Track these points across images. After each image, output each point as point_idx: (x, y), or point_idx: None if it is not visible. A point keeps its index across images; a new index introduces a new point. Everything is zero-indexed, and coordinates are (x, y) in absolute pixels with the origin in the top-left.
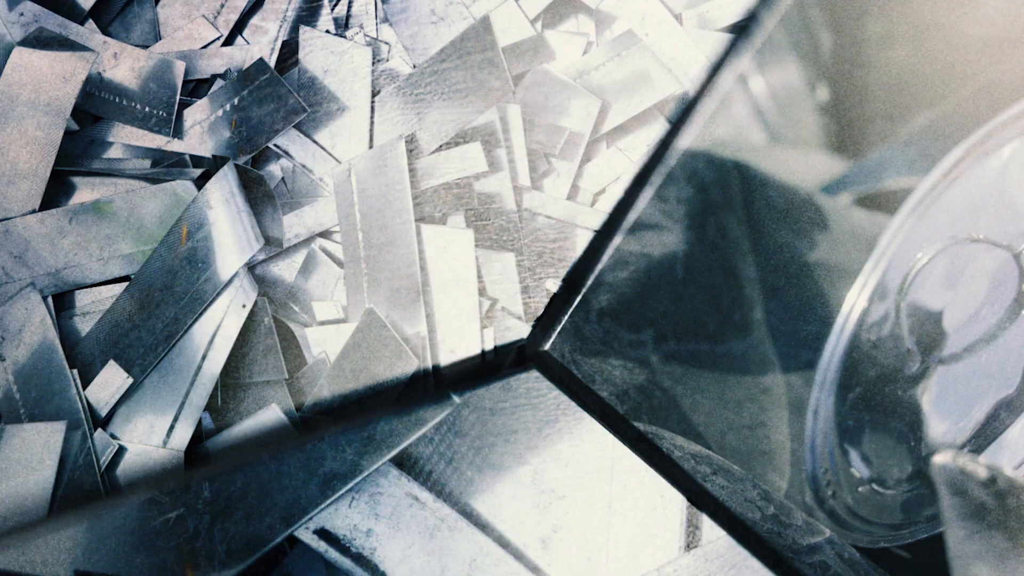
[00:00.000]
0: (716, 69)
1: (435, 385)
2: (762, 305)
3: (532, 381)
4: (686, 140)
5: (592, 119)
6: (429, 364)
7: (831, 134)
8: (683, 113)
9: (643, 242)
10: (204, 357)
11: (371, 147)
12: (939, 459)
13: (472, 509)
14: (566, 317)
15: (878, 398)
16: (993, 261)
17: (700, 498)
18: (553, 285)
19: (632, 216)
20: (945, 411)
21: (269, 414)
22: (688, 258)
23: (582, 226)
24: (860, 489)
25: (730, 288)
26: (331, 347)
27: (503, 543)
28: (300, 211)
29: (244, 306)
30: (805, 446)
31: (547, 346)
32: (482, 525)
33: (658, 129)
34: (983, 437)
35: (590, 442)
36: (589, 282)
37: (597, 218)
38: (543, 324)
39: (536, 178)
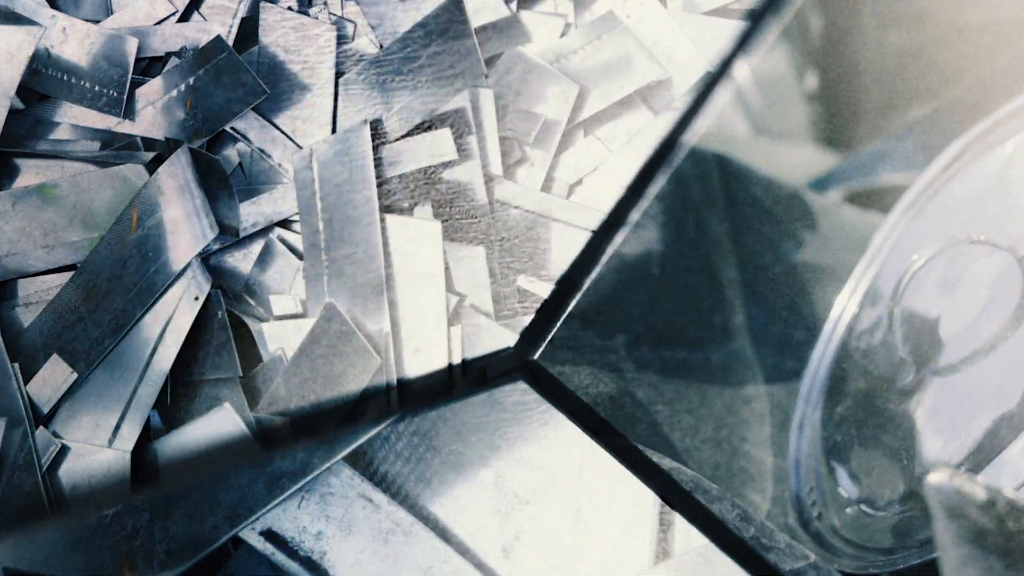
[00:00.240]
0: (727, 62)
1: (405, 401)
2: (744, 310)
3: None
4: (692, 137)
5: (569, 105)
6: (393, 373)
7: (820, 125)
8: (691, 108)
9: (615, 239)
10: (153, 352)
11: (334, 132)
12: (934, 479)
13: (429, 513)
14: (558, 325)
15: (868, 412)
16: (994, 264)
17: (707, 528)
18: (526, 282)
19: (635, 215)
20: (941, 427)
21: (222, 414)
22: (664, 257)
23: (557, 219)
24: (848, 510)
25: (710, 291)
26: (289, 343)
27: (462, 550)
28: (258, 199)
29: (197, 298)
30: (788, 463)
31: (536, 355)
32: (440, 530)
33: (640, 118)
34: (982, 455)
35: (557, 444)
36: (585, 286)
37: (574, 211)
38: (531, 332)
39: (509, 168)
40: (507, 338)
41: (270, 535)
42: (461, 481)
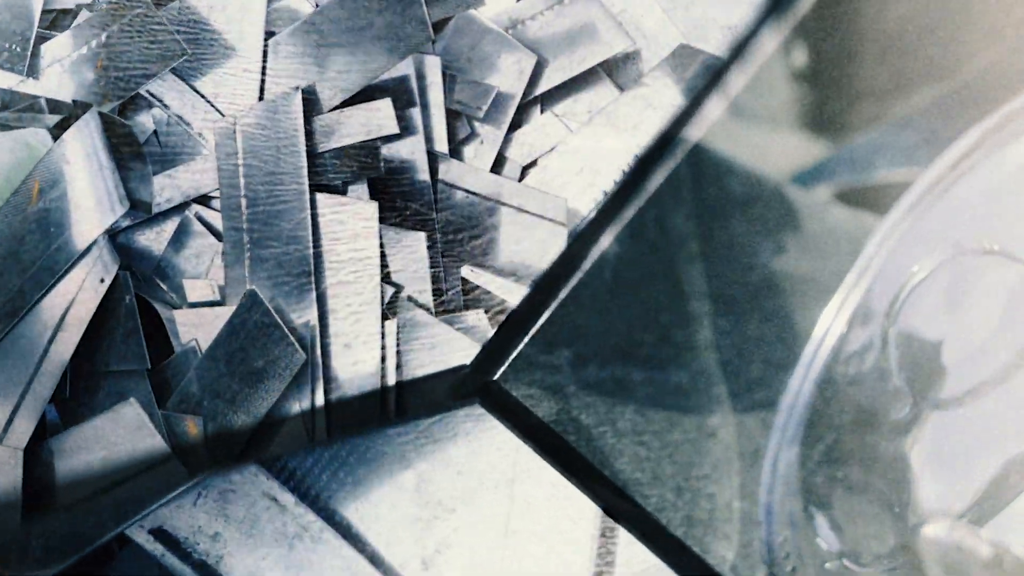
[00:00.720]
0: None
1: (335, 425)
2: (711, 324)
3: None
4: (696, 132)
5: (525, 77)
6: (319, 370)
7: (808, 108)
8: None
9: (601, 242)
10: (52, 339)
11: (261, 99)
12: (930, 531)
13: (342, 518)
14: (526, 340)
15: (855, 449)
16: (1009, 279)
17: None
18: (471, 273)
19: (629, 213)
20: (940, 470)
21: (126, 410)
22: (618, 260)
23: (507, 204)
24: (828, 565)
25: (671, 301)
26: (203, 334)
27: (376, 561)
28: (174, 171)
29: (103, 281)
30: (760, 507)
31: (497, 376)
32: (352, 537)
33: (604, 94)
34: (987, 505)
35: (490, 447)
36: (562, 297)
37: (526, 196)
38: (493, 348)
39: (455, 145)
40: (447, 335)
41: (160, 534)
42: (379, 483)
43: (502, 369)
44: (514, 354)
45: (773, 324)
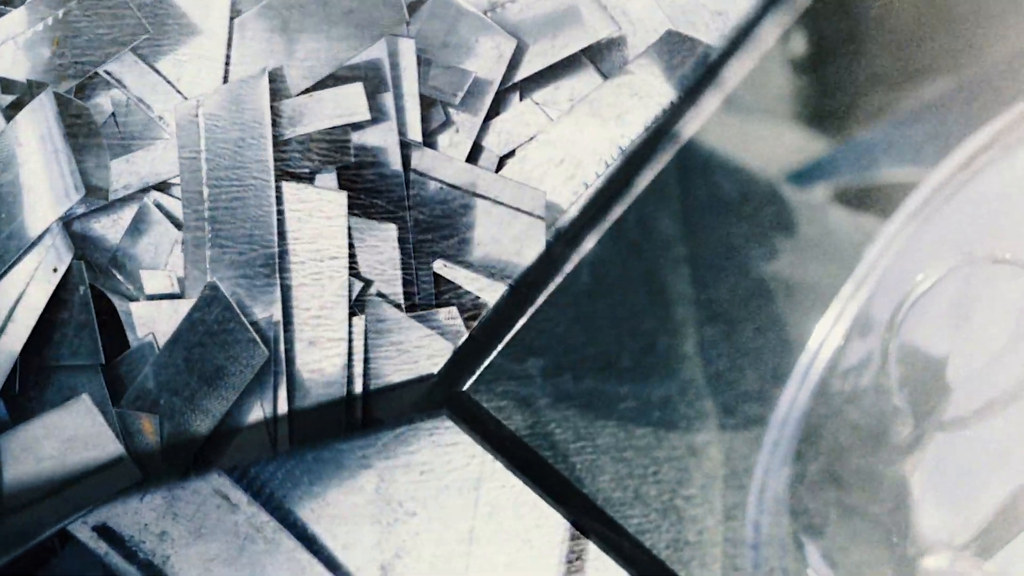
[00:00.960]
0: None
1: (297, 433)
2: (699, 333)
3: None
4: (686, 125)
5: (504, 62)
6: (282, 368)
7: (807, 100)
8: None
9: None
10: (1, 332)
11: (226, 82)
12: (931, 563)
13: (297, 519)
14: (498, 348)
15: (850, 473)
16: (1021, 290)
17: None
18: (444, 268)
19: (612, 212)
20: (943, 496)
21: (78, 407)
22: (601, 263)
23: (483, 195)
24: None
25: (654, 308)
26: (161, 328)
27: (332, 565)
28: (132, 156)
29: (56, 270)
30: (746, 535)
31: (466, 386)
32: (307, 540)
33: (586, 81)
34: (993, 536)
35: (455, 448)
36: (539, 302)
37: (503, 187)
38: (462, 356)
39: (429, 132)
40: (418, 333)
41: (104, 532)
42: (337, 483)
43: (472, 379)
44: (485, 363)
45: (765, 334)
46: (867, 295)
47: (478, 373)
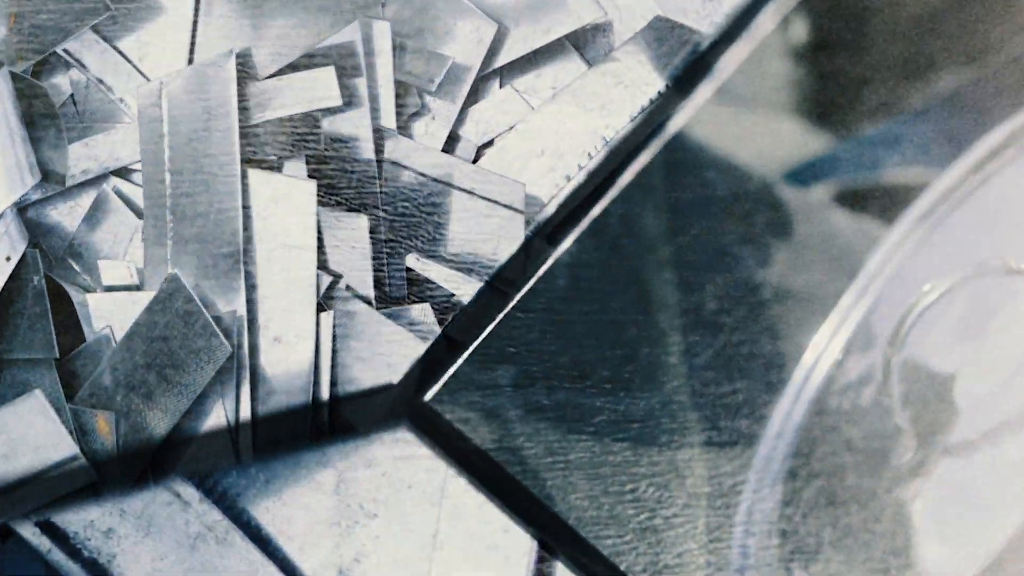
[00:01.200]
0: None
1: (260, 441)
2: (682, 343)
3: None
4: (675, 117)
5: (484, 47)
6: (246, 365)
7: (806, 92)
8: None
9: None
10: None
11: (191, 63)
12: None
13: (251, 518)
14: (464, 356)
15: (846, 498)
16: None
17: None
18: (417, 262)
19: (593, 210)
20: (947, 528)
21: (30, 403)
22: (576, 263)
23: (459, 187)
24: None
25: (636, 313)
26: (119, 321)
27: (287, 568)
28: (91, 140)
29: (8, 259)
30: (731, 558)
31: (428, 396)
32: (262, 540)
33: (570, 68)
34: (1002, 572)
35: (419, 448)
36: (509, 306)
37: (480, 179)
38: (426, 363)
39: (404, 120)
40: (389, 330)
41: (47, 527)
42: (294, 481)
43: (435, 389)
44: (449, 372)
45: (757, 345)
46: (869, 305)
47: (442, 382)
